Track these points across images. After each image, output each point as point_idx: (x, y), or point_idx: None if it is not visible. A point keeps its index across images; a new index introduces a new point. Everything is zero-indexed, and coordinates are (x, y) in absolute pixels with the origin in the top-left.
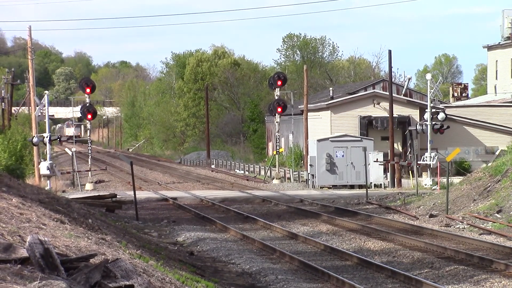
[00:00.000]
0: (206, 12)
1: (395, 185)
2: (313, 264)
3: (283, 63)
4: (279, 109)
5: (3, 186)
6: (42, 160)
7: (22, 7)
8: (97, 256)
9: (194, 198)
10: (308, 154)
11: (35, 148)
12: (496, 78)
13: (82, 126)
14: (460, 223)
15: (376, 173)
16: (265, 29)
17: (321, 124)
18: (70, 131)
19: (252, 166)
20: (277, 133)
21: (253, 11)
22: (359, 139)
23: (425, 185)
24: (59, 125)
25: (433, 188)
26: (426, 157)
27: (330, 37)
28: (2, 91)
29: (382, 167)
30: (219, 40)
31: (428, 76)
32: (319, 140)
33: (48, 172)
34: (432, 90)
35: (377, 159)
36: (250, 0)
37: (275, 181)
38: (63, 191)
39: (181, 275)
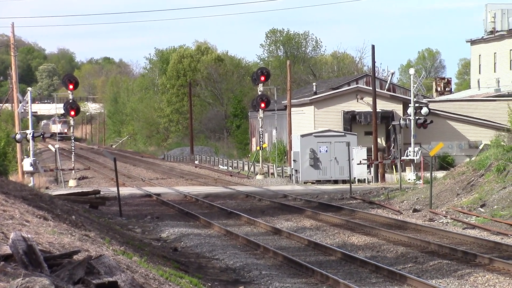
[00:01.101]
0: (189, 8)
1: (379, 180)
2: (297, 260)
3: (266, 59)
4: (263, 105)
5: None
6: (25, 156)
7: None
8: (80, 252)
9: (178, 194)
10: (291, 150)
11: (18, 144)
12: (480, 73)
13: (68, 123)
14: (444, 218)
15: (360, 168)
16: (248, 24)
17: (304, 120)
18: (56, 128)
19: (236, 161)
20: (260, 129)
21: (236, 7)
22: (343, 134)
23: (409, 179)
24: (44, 121)
25: (416, 182)
26: (409, 151)
27: (313, 32)
28: None
29: (365, 161)
30: (203, 36)
31: (411, 71)
32: (302, 136)
33: (31, 168)
34: (415, 85)
35: (360, 161)
36: None
37: (258, 177)
38: (47, 188)
39: (165, 271)
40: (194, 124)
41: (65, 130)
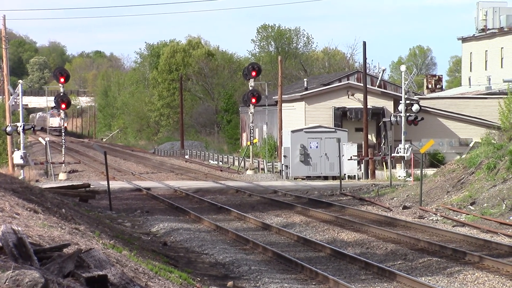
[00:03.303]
0: (181, 2)
1: (369, 177)
2: (287, 255)
3: (257, 54)
4: (253, 100)
5: None
6: (15, 149)
7: None
8: (70, 246)
9: (168, 189)
10: (282, 145)
11: (8, 137)
12: (471, 70)
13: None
14: (434, 215)
15: (350, 165)
16: (240, 19)
17: (295, 115)
18: (55, 122)
19: (226, 156)
20: (251, 124)
21: (228, 1)
22: (333, 130)
23: (399, 176)
24: (39, 114)
25: (406, 179)
26: (400, 148)
27: (304, 28)
28: None
29: (356, 158)
30: (195, 30)
31: (403, 68)
32: (293, 131)
33: (21, 161)
34: (406, 82)
35: (351, 157)
36: None
37: (249, 172)
38: (37, 181)
39: (154, 266)
40: (184, 119)
41: (65, 124)
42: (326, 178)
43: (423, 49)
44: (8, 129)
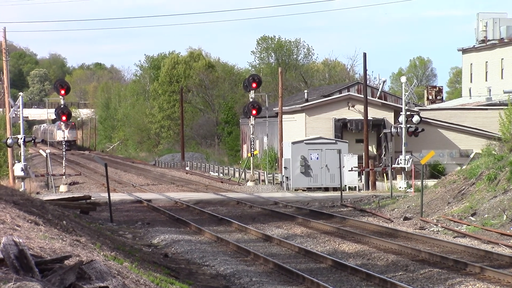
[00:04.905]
0: (181, 14)
1: (370, 188)
2: (288, 267)
3: (257, 66)
4: (254, 112)
5: None
6: (16, 161)
7: None
8: (71, 257)
9: (169, 200)
10: (282, 157)
11: (9, 149)
12: (471, 81)
13: (76, 128)
14: (435, 226)
15: (351, 176)
16: (240, 31)
17: (295, 127)
18: (62, 135)
19: (227, 168)
20: (251, 136)
21: (227, 13)
22: (334, 141)
23: (400, 187)
24: (44, 126)
25: (407, 190)
26: (400, 159)
27: (304, 40)
28: None
29: (356, 169)
30: (195, 42)
31: (403, 79)
32: (293, 143)
33: (22, 173)
34: (406, 93)
35: (352, 168)
36: (225, 2)
37: (249, 183)
38: (37, 193)
39: (156, 277)
40: (185, 131)
41: (74, 138)
42: (326, 189)
43: (423, 60)
44: (9, 141)
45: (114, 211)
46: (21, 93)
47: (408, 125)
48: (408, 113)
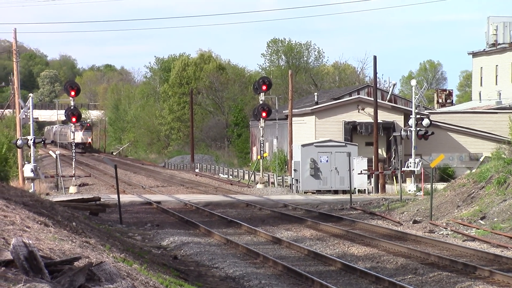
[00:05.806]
0: (191, 16)
1: (379, 191)
2: (297, 269)
3: (267, 68)
4: (264, 114)
5: None
6: (26, 162)
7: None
8: (81, 259)
9: (178, 202)
10: (292, 159)
11: (19, 150)
12: (481, 85)
13: (91, 130)
14: (444, 229)
15: (360, 179)
16: (251, 33)
17: (305, 129)
18: (77, 136)
19: (236, 170)
20: (261, 138)
21: (238, 16)
22: (344, 144)
23: (409, 191)
24: (56, 126)
25: (417, 194)
26: (410, 163)
27: (315, 42)
28: None
29: (366, 172)
30: (205, 44)
31: (413, 82)
32: (303, 145)
33: (32, 174)
34: (416, 96)
35: (361, 171)
36: (235, 4)
37: (259, 186)
38: (47, 194)
39: (165, 279)
40: (195, 132)
41: (89, 140)
42: (336, 192)
43: (433, 63)
44: (19, 142)
45: (124, 213)
46: (31, 94)
47: (418, 128)
48: (418, 116)
